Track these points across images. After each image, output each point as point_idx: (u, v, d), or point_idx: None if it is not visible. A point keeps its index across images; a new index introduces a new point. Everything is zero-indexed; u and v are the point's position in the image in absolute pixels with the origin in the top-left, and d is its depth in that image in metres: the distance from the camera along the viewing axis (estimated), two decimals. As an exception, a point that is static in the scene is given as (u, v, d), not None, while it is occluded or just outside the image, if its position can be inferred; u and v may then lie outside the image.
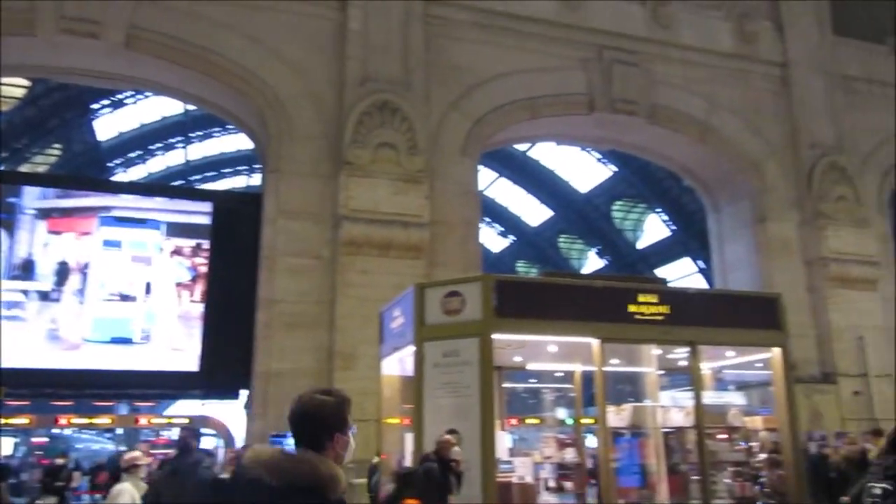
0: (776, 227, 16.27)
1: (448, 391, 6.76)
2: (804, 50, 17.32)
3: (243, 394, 13.55)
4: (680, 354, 7.77)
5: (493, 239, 43.88)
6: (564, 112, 15.40)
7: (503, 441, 8.25)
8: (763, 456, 7.48)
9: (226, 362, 12.84)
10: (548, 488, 8.28)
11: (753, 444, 7.66)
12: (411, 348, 6.98)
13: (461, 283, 7.00)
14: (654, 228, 36.73)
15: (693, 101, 16.17)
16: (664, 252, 36.88)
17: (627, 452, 7.78)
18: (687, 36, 16.24)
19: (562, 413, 12.34)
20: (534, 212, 39.92)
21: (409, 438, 7.40)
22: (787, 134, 16.87)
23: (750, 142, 16.55)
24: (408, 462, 7.49)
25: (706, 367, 8.71)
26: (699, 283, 33.31)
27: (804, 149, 16.65)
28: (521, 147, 32.65)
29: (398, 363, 8.14)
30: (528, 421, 21.52)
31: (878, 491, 3.91)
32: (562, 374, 9.60)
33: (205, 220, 13.72)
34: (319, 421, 2.13)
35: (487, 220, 40.89)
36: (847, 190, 16.64)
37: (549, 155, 33.62)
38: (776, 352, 6.94)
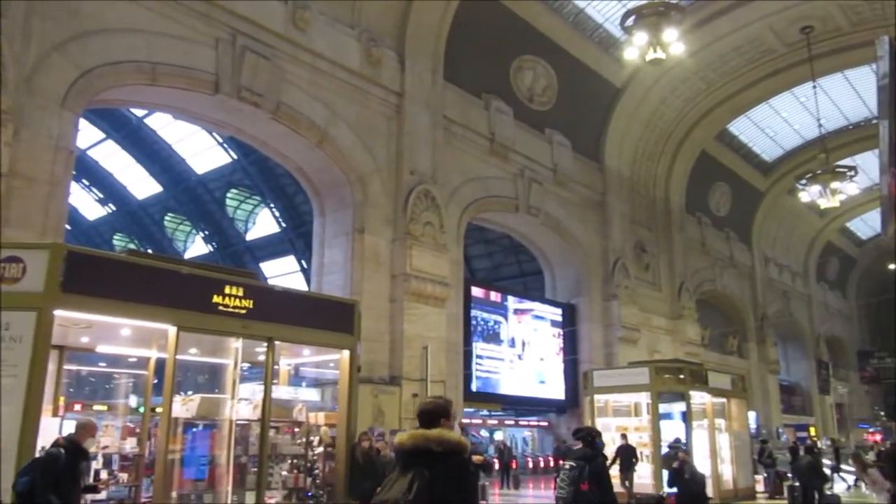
0: (372, 240, 17.70)
1: (-12, 370, 5.87)
2: (418, 86, 19.25)
3: None
4: (264, 349, 7.92)
5: (89, 205, 39.69)
6: (187, 86, 14.66)
7: (56, 428, 7.46)
8: (320, 449, 7.99)
9: None
10: (97, 479, 7.71)
11: (315, 438, 8.14)
12: (-55, 317, 5.91)
13: (24, 248, 6.17)
14: (265, 222, 37.07)
15: (316, 108, 16.78)
16: (272, 247, 37.47)
17: (195, 443, 7.65)
18: (320, 44, 16.82)
19: (134, 400, 11.67)
20: (142, 183, 37.15)
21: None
22: (393, 157, 18.53)
23: (360, 157, 17.77)
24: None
25: (285, 364, 9.04)
26: (300, 281, 34.50)
27: (405, 174, 18.46)
28: (138, 112, 30.27)
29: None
30: (96, 407, 19.79)
31: (567, 467, 6.25)
32: (136, 360, 9.04)
33: None
34: (434, 413, 3.48)
35: (85, 182, 36.92)
36: (434, 217, 18.89)
37: (169, 127, 31.70)
38: (345, 354, 7.50)
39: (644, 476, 14.30)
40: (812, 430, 36.42)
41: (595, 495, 6.00)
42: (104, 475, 7.81)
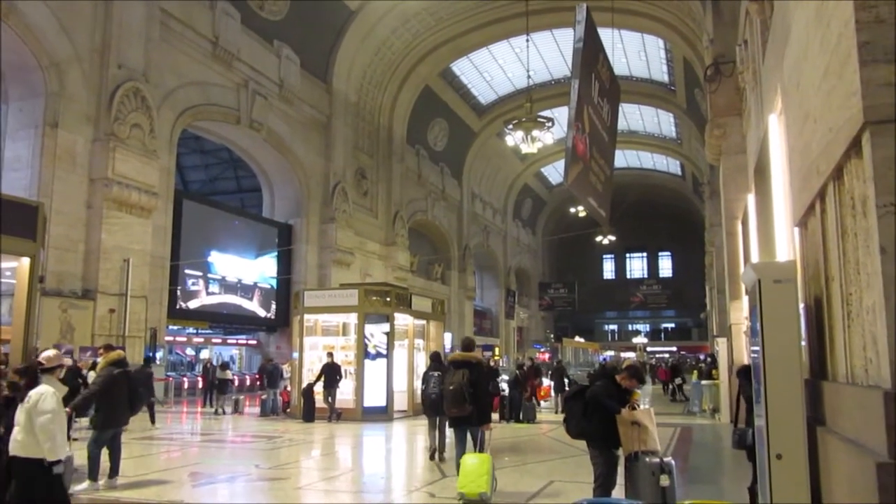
0: (67, 137, 15.74)
1: None
2: (133, -30, 17.22)
3: None
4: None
5: None
6: None
7: None
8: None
9: None
10: None
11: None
12: None
13: None
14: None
15: (2, -27, 14.23)
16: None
17: None
18: None
19: None
20: None
21: None
22: (98, 47, 16.49)
23: (57, 40, 15.52)
24: None
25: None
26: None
27: (112, 67, 16.58)
28: None
29: None
30: None
31: (436, 375, 9.07)
32: None
33: None
34: (471, 344, 8.00)
35: None
36: (144, 119, 17.30)
37: None
38: (25, 262, 6.66)
39: (346, 392, 14.95)
40: (496, 350, 40.99)
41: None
42: None
